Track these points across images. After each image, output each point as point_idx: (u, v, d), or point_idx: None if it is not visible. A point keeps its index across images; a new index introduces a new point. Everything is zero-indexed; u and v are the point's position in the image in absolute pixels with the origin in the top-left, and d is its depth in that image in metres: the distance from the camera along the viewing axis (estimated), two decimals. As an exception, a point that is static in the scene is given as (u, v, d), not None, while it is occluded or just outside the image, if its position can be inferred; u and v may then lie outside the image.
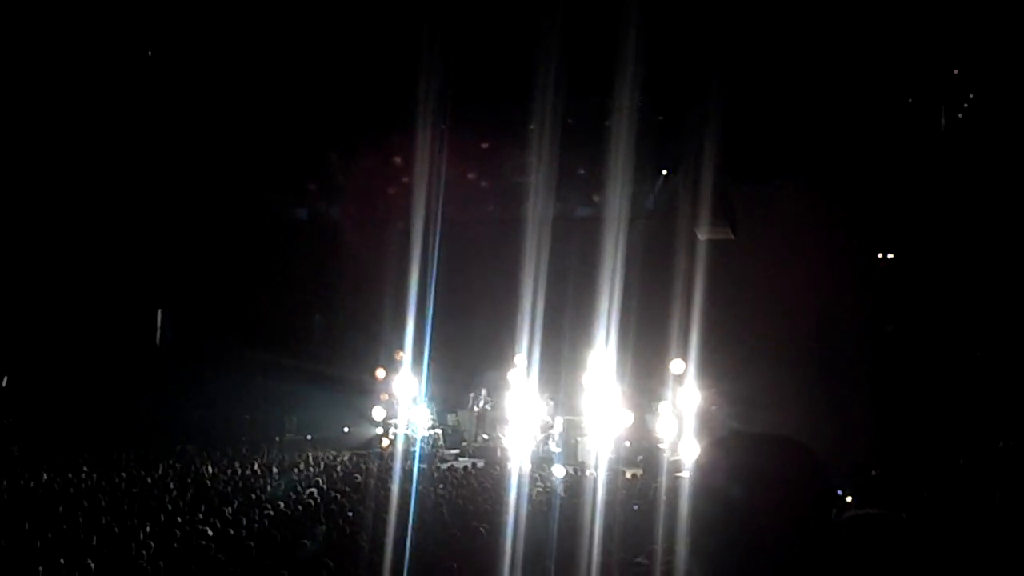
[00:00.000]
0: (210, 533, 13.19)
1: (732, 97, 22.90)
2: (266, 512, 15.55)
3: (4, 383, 27.47)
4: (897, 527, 2.32)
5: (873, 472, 18.64)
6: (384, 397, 26.74)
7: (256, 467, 22.23)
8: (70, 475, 20.10)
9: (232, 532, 13.61)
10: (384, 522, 14.04)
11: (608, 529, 13.75)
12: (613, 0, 21.27)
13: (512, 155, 28.69)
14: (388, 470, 20.91)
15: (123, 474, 20.52)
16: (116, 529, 13.89)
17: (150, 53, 24.55)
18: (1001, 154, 23.06)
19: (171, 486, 18.68)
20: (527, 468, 22.90)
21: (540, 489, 19.28)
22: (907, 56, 22.74)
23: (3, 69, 23.60)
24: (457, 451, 26.88)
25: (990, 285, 23.92)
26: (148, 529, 13.76)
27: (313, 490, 18.06)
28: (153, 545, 12.55)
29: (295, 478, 20.19)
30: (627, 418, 25.58)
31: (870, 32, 21.49)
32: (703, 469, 2.25)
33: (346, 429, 28.53)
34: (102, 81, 24.89)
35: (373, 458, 23.77)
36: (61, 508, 16.00)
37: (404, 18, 22.22)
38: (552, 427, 25.98)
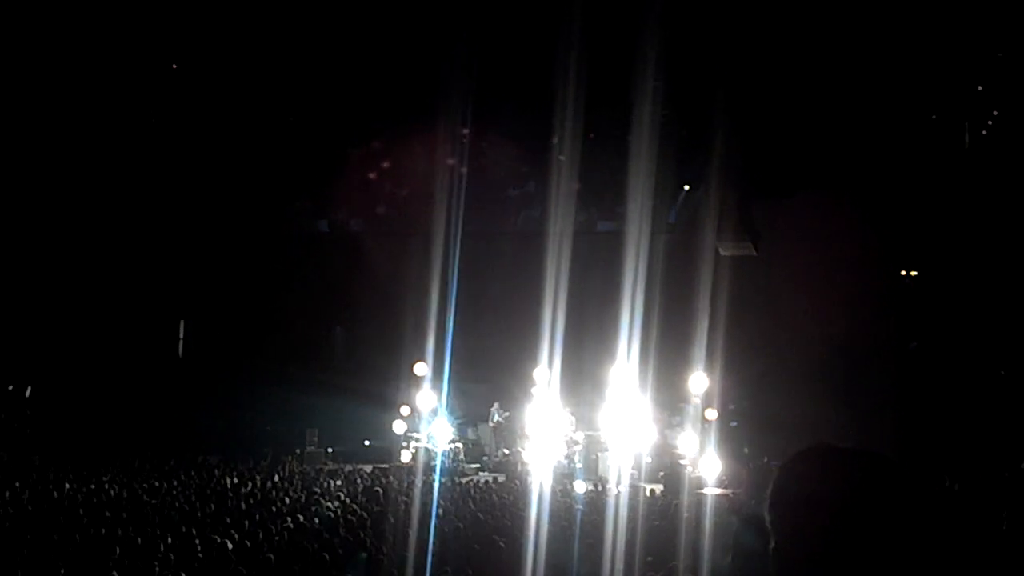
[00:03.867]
0: (230, 545, 13.20)
1: (755, 112, 22.87)
2: (286, 525, 15.56)
3: (28, 393, 27.60)
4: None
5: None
6: (405, 411, 26.70)
7: (277, 479, 22.26)
8: (92, 485, 20.18)
9: (252, 544, 13.63)
10: (404, 536, 14.04)
11: (629, 546, 13.70)
12: (636, 14, 21.30)
13: (534, 168, 28.73)
14: (409, 484, 20.91)
15: (144, 485, 20.58)
16: (137, 540, 13.92)
17: (174, 67, 24.68)
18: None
19: (192, 497, 18.72)
20: (548, 483, 22.85)
21: (561, 504, 19.21)
22: (931, 73, 22.67)
23: (28, 84, 23.80)
24: (478, 465, 26.83)
25: (1014, 302, 23.78)
26: (169, 540, 13.79)
27: (334, 503, 18.06)
28: (174, 557, 12.57)
29: (316, 491, 20.19)
30: (648, 434, 25.49)
31: (895, 49, 21.45)
32: (797, 479, 2.27)
33: (367, 442, 28.54)
34: (126, 96, 25.06)
35: (394, 472, 23.76)
36: (83, 518, 16.05)
37: (427, 31, 22.29)
38: (573, 442, 25.90)
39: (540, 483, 22.31)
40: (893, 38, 21.25)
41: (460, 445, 26.92)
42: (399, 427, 26.50)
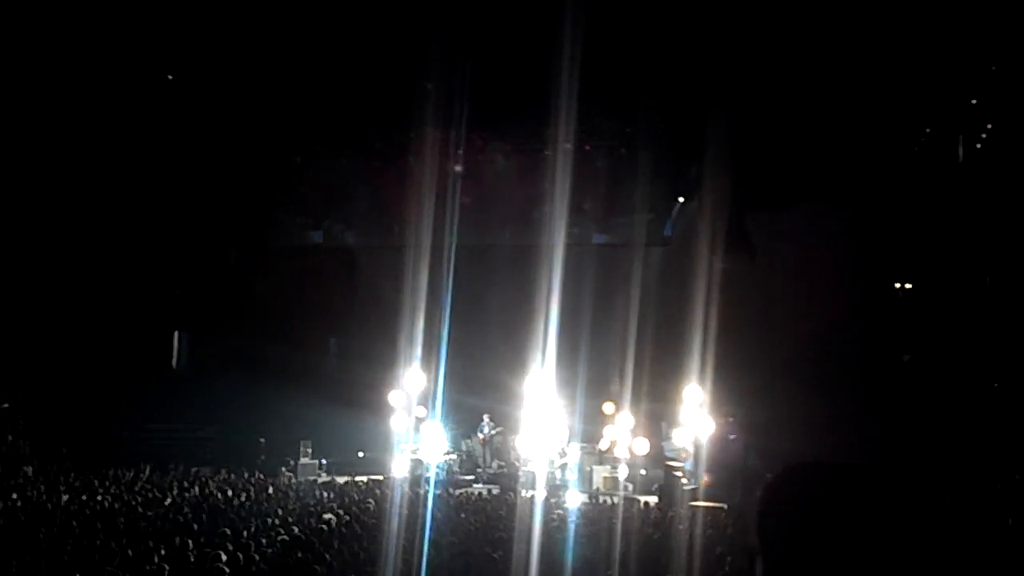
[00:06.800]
0: (224, 557, 13.14)
1: (750, 124, 22.90)
2: (280, 537, 15.51)
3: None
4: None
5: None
6: (400, 422, 26.65)
7: (271, 491, 22.22)
8: (84, 497, 20.13)
9: (246, 557, 13.58)
10: (398, 548, 14.00)
11: (623, 558, 13.68)
12: (631, 27, 21.35)
13: (529, 180, 28.72)
14: (403, 496, 20.86)
15: (138, 497, 20.54)
16: (130, 552, 13.86)
17: (169, 77, 24.69)
18: (1019, 185, 22.99)
19: (186, 509, 18.67)
20: (542, 495, 22.83)
21: (555, 516, 19.19)
22: (925, 86, 22.73)
23: (24, 93, 23.81)
24: (472, 477, 26.80)
25: (1007, 315, 23.80)
26: (163, 552, 13.74)
27: (328, 515, 18.01)
28: (167, 568, 12.52)
29: (310, 503, 20.15)
30: (643, 446, 25.50)
31: (889, 61, 21.50)
32: (778, 496, 2.32)
33: (361, 454, 28.49)
34: (121, 105, 25.06)
35: (388, 483, 23.72)
36: (76, 530, 16.00)
37: (422, 43, 22.30)
38: (567, 454, 25.90)
39: (534, 495, 22.31)
40: (887, 51, 21.30)
41: (454, 457, 26.91)
42: (393, 439, 26.46)
